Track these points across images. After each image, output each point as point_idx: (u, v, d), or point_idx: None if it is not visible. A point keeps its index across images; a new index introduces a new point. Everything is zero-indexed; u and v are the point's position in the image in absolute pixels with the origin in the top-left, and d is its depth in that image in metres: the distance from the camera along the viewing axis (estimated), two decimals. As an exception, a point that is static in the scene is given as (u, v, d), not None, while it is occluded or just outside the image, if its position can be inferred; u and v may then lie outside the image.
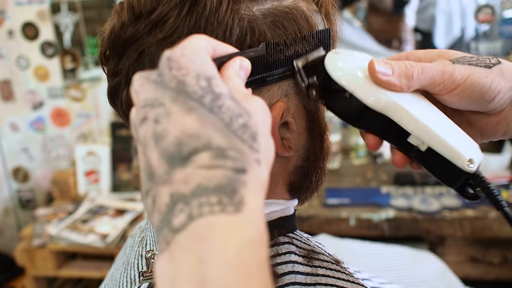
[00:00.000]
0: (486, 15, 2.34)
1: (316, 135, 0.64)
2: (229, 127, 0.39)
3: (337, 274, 0.61)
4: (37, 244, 2.45)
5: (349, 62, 0.58)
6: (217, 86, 0.40)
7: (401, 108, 0.55)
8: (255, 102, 0.43)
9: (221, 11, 0.53)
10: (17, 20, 2.80)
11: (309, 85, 0.59)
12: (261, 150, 0.40)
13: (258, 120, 0.41)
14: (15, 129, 2.99)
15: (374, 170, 2.47)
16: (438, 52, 0.60)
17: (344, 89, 0.56)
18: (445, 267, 1.55)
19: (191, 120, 0.38)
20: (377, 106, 0.56)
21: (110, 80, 0.60)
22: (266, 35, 0.55)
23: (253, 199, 0.37)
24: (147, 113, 0.40)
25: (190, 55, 0.41)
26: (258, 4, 0.56)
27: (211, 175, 0.36)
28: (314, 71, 0.58)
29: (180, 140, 0.38)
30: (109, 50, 0.58)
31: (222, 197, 0.36)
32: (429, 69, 0.56)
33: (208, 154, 0.37)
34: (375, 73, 0.55)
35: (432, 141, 0.55)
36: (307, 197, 0.69)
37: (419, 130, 0.55)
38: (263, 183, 0.40)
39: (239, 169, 0.37)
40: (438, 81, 0.56)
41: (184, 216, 0.35)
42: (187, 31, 0.53)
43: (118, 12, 0.56)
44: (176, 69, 0.41)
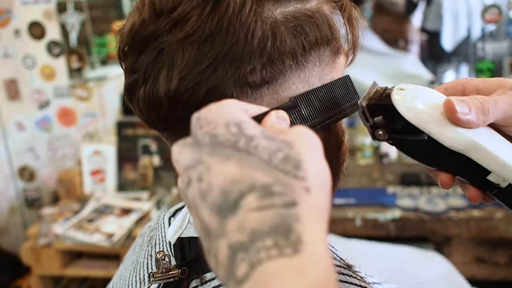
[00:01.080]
0: (493, 15, 2.33)
1: (334, 144, 0.64)
2: (269, 163, 0.38)
3: (349, 279, 0.61)
4: (43, 243, 2.45)
5: (420, 99, 0.55)
6: (248, 129, 0.40)
7: (480, 147, 0.54)
8: (296, 131, 0.42)
9: (244, 12, 0.52)
10: (23, 19, 2.81)
11: (375, 125, 0.57)
12: (309, 177, 0.38)
13: (302, 148, 0.40)
14: (21, 128, 3.00)
15: (380, 170, 2.47)
16: (496, 82, 0.59)
17: (420, 130, 0.54)
18: (452, 267, 1.54)
19: (230, 167, 0.38)
20: (457, 146, 0.54)
21: (127, 76, 0.59)
22: (286, 43, 0.54)
23: (312, 233, 0.35)
24: (190, 175, 0.40)
25: (216, 109, 0.42)
26: (281, 6, 0.55)
27: (263, 217, 0.35)
28: (380, 110, 0.57)
29: (225, 189, 0.37)
30: (128, 47, 0.58)
31: (277, 238, 0.34)
32: (502, 102, 0.55)
33: (255, 195, 0.36)
34: (456, 114, 0.53)
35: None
36: None
37: (500, 168, 0.54)
38: (321, 210, 0.38)
39: (289, 203, 0.36)
40: (510, 114, 0.55)
41: (246, 265, 0.33)
42: (208, 32, 0.52)
43: (139, 9, 0.56)
44: (205, 125, 0.41)
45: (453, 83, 0.60)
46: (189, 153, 0.41)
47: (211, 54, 0.52)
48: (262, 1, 0.54)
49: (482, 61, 2.46)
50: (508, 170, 0.54)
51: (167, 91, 0.54)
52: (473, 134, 0.54)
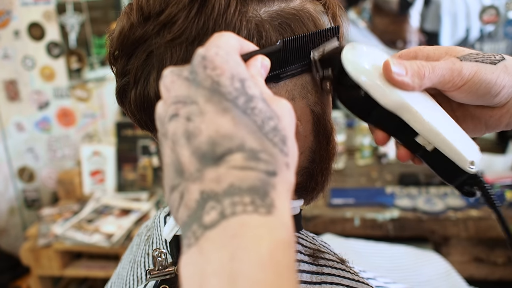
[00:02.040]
0: (491, 16, 2.34)
1: (322, 137, 0.64)
2: (261, 129, 0.39)
3: (342, 273, 0.61)
4: (42, 243, 2.46)
5: (365, 58, 0.58)
6: (250, 88, 0.41)
7: (412, 110, 0.57)
8: (283, 104, 0.43)
9: (229, 13, 0.53)
10: (23, 20, 2.81)
11: (324, 77, 0.60)
12: (290, 153, 0.41)
13: (286, 123, 0.42)
14: (20, 129, 3.00)
15: (379, 170, 2.47)
16: (445, 49, 0.61)
17: (359, 86, 0.58)
18: (450, 267, 1.55)
19: (225, 121, 0.39)
20: (390, 106, 0.57)
21: (118, 80, 0.60)
22: (272, 40, 0.55)
23: (282, 202, 0.37)
24: (178, 109, 0.40)
25: (224, 55, 0.42)
26: (265, 6, 0.56)
27: (244, 176, 0.37)
28: (330, 64, 0.59)
29: (214, 139, 0.38)
30: (118, 51, 0.59)
31: (255, 198, 0.36)
32: (439, 68, 0.57)
33: (242, 155, 0.38)
34: (391, 73, 0.56)
35: (439, 142, 0.58)
36: (313, 197, 0.70)
37: (427, 132, 0.57)
38: (291, 186, 0.40)
39: (271, 172, 0.38)
40: (447, 79, 0.58)
41: (216, 213, 0.35)
42: (195, 33, 0.53)
43: (127, 13, 0.57)
44: (210, 68, 0.41)
45: (407, 50, 0.63)
46: (183, 86, 0.41)
47: None
48: (246, 2, 0.55)
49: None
50: (434, 134, 0.57)
51: (157, 92, 0.55)
52: (407, 96, 0.57)
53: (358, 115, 0.62)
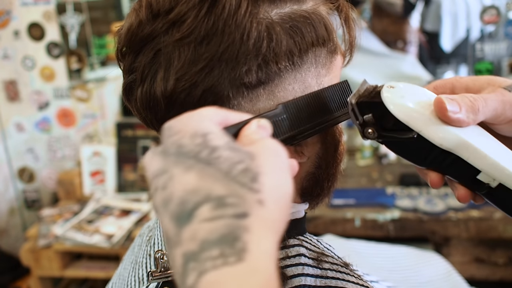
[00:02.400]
0: (491, 16, 2.33)
1: (330, 144, 0.64)
2: (228, 175, 0.39)
3: (346, 277, 0.61)
4: (42, 244, 2.45)
5: (409, 97, 0.55)
6: (213, 140, 0.40)
7: (470, 146, 0.53)
8: (262, 143, 0.43)
9: (239, 13, 0.52)
10: (23, 20, 2.81)
11: (365, 123, 0.56)
12: (264, 189, 0.39)
13: (263, 160, 0.41)
14: (20, 130, 3.00)
15: (379, 170, 2.47)
16: (486, 79, 0.59)
17: (409, 128, 0.54)
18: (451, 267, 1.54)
19: (190, 177, 0.38)
20: (446, 145, 0.54)
21: (125, 76, 0.60)
22: (282, 43, 0.54)
23: (259, 243, 0.36)
24: (156, 183, 0.40)
25: (184, 119, 0.42)
26: (277, 7, 0.55)
27: (213, 227, 0.36)
28: (369, 108, 0.56)
29: (183, 198, 0.38)
30: (126, 47, 0.58)
31: (224, 248, 0.35)
32: (491, 100, 0.55)
33: (209, 206, 0.37)
34: (446, 112, 0.53)
35: (504, 177, 0.54)
36: (318, 202, 0.69)
37: (490, 167, 0.54)
38: (273, 224, 0.39)
39: (239, 214, 0.37)
40: (499, 112, 0.55)
41: (195, 274, 0.35)
42: (204, 33, 0.52)
43: (136, 10, 0.56)
44: (173, 134, 0.41)
45: (442, 81, 0.60)
46: (157, 161, 0.41)
47: (207, 54, 0.53)
48: (257, 2, 0.54)
49: (481, 62, 2.47)
50: (498, 169, 0.53)
51: (163, 92, 0.55)
52: (463, 132, 0.53)
53: (410, 159, 0.58)
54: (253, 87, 0.55)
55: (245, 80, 0.54)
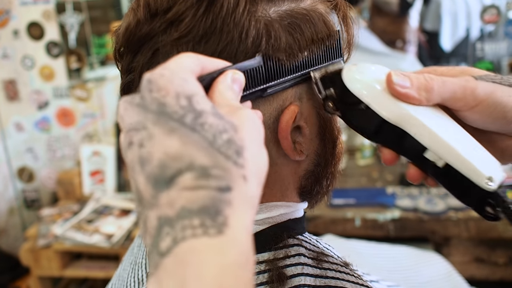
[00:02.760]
0: (492, 15, 2.33)
1: (328, 141, 0.64)
2: (212, 144, 0.38)
3: (346, 277, 0.61)
4: (42, 244, 2.45)
5: (366, 74, 0.56)
6: (199, 104, 0.40)
7: (417, 121, 0.53)
8: (243, 114, 0.42)
9: (237, 12, 0.52)
10: (22, 20, 2.81)
11: (327, 97, 0.58)
12: (247, 165, 0.39)
13: (246, 133, 0.40)
14: (20, 129, 3.00)
15: (380, 170, 2.47)
16: (461, 69, 0.58)
17: (360, 101, 0.55)
18: (451, 267, 1.54)
19: (173, 141, 0.38)
20: (393, 118, 0.54)
21: (123, 77, 0.59)
22: (282, 40, 0.54)
23: (239, 218, 0.36)
24: (132, 137, 0.39)
25: (169, 75, 0.40)
26: (275, 5, 0.55)
27: (195, 197, 0.36)
28: (332, 83, 0.58)
29: (164, 162, 0.37)
30: (124, 47, 0.58)
31: (205, 219, 0.35)
32: (451, 82, 0.54)
33: (191, 174, 0.36)
34: (393, 85, 0.54)
35: (450, 157, 0.53)
36: (317, 200, 0.69)
37: (436, 145, 0.53)
38: (252, 199, 0.39)
39: (223, 188, 0.36)
40: (459, 96, 0.54)
41: (170, 239, 0.34)
42: (203, 32, 0.52)
43: (134, 9, 0.56)
44: (155, 90, 0.40)
45: (420, 71, 0.60)
46: (134, 113, 0.40)
47: (206, 53, 0.52)
48: (255, 1, 0.54)
49: (481, 62, 2.47)
50: (444, 148, 0.53)
51: None
52: (414, 109, 0.54)
53: (363, 133, 0.59)
54: None
55: None
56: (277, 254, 0.60)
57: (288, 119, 0.57)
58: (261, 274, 0.58)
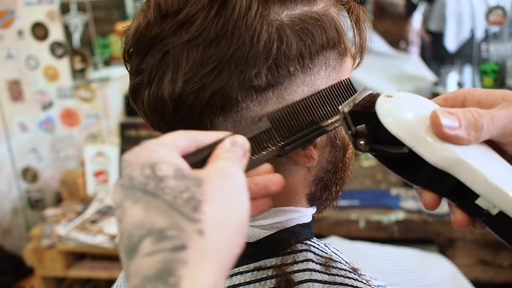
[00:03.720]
0: (497, 16, 2.32)
1: (339, 149, 0.63)
2: (172, 205, 0.38)
3: (354, 283, 0.60)
4: (46, 244, 2.45)
5: (405, 109, 0.50)
6: (161, 170, 0.40)
7: (468, 166, 0.47)
8: (212, 166, 0.42)
9: (250, 15, 0.51)
10: (26, 20, 2.81)
11: (357, 133, 0.52)
12: (205, 219, 0.38)
13: (209, 186, 0.40)
14: (24, 129, 3.00)
15: (384, 172, 2.46)
16: (501, 94, 0.52)
17: (401, 142, 0.49)
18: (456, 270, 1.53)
19: (137, 211, 0.38)
20: (440, 163, 0.48)
21: (132, 78, 0.59)
22: (293, 46, 0.53)
23: (195, 277, 0.35)
24: (117, 215, 0.40)
25: (138, 151, 0.42)
26: (287, 9, 0.54)
27: (152, 262, 0.35)
28: (363, 118, 0.52)
29: (130, 232, 0.38)
30: (133, 48, 0.57)
31: (157, 285, 0.34)
32: (500, 117, 0.49)
33: (150, 239, 0.36)
34: (441, 128, 0.47)
35: (505, 204, 0.47)
36: (326, 206, 0.68)
37: (490, 192, 0.47)
38: (213, 254, 0.37)
39: (178, 247, 0.36)
40: (508, 131, 0.49)
41: None
42: (214, 34, 0.52)
43: (145, 11, 0.55)
44: (127, 167, 0.41)
45: (454, 93, 0.55)
46: (117, 193, 0.41)
47: (216, 57, 0.52)
48: (268, 4, 0.53)
49: (486, 63, 2.46)
50: (499, 195, 0.47)
51: (171, 94, 0.54)
52: (462, 151, 0.48)
53: (403, 176, 0.52)
54: (262, 90, 0.54)
55: (254, 83, 0.53)
56: (285, 259, 0.60)
57: None
58: (268, 279, 0.58)
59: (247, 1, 0.52)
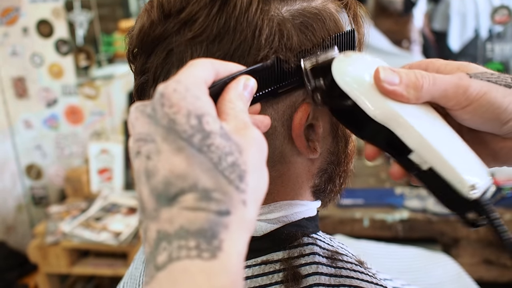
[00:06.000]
0: (503, 16, 2.32)
1: (341, 139, 0.64)
2: (217, 166, 0.39)
3: (361, 276, 0.61)
4: (50, 241, 2.46)
5: (357, 66, 0.54)
6: (208, 124, 0.40)
7: (405, 122, 0.51)
8: (250, 135, 0.42)
9: (251, 11, 0.52)
10: (31, 17, 2.81)
11: (316, 88, 0.56)
12: (248, 190, 0.40)
13: (249, 156, 0.41)
14: (28, 126, 3.00)
15: (388, 170, 2.46)
16: (458, 64, 0.56)
17: (347, 96, 0.53)
18: (461, 269, 1.54)
19: (179, 160, 0.38)
20: (379, 117, 0.52)
21: (137, 78, 0.59)
22: (293, 39, 0.54)
23: (233, 243, 0.37)
24: (140, 147, 0.40)
25: (182, 91, 0.41)
26: (287, 4, 0.55)
27: (194, 218, 0.37)
28: (322, 74, 0.55)
29: (168, 179, 0.38)
30: (138, 48, 0.58)
31: (200, 241, 0.36)
32: (442, 80, 0.52)
33: (194, 195, 0.37)
34: (380, 82, 0.51)
35: (434, 161, 0.50)
36: (330, 199, 0.69)
37: (422, 148, 0.51)
38: (249, 224, 0.39)
39: (223, 212, 0.37)
40: (450, 95, 0.51)
41: (166, 255, 0.36)
42: (216, 31, 0.52)
43: (148, 11, 0.56)
44: (167, 106, 0.40)
45: (419, 62, 0.58)
46: (145, 124, 0.41)
47: (220, 53, 0.53)
48: (268, 0, 0.54)
49: (490, 63, 2.46)
50: (429, 152, 0.50)
51: None
52: (402, 108, 0.51)
53: (350, 129, 0.59)
54: None
55: None
56: (291, 253, 0.60)
57: (301, 118, 0.57)
58: (276, 273, 0.58)
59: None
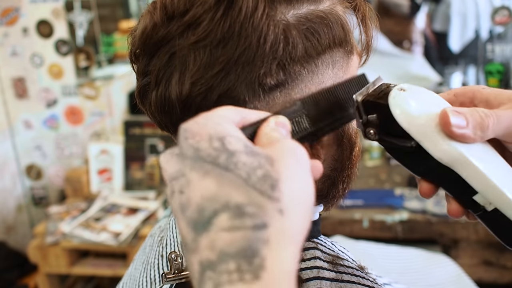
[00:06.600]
0: (503, 17, 2.32)
1: (346, 147, 0.63)
2: (247, 182, 0.38)
3: (362, 281, 0.60)
4: (50, 241, 2.46)
5: (417, 105, 0.52)
6: (231, 144, 0.40)
7: (470, 164, 0.50)
8: (282, 145, 0.42)
9: (256, 16, 0.51)
10: (31, 17, 2.81)
11: (368, 122, 0.54)
12: (284, 198, 0.38)
13: (283, 165, 0.40)
14: (28, 127, 3.00)
15: (388, 171, 2.46)
16: (508, 95, 0.54)
17: (410, 136, 0.51)
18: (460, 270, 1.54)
19: (208, 183, 0.38)
20: (445, 160, 0.50)
21: (139, 79, 0.59)
22: (298, 47, 0.53)
23: (277, 259, 0.35)
24: (173, 186, 0.40)
25: (202, 122, 0.41)
26: (294, 8, 0.54)
27: (232, 238, 0.35)
28: (375, 108, 0.54)
29: (201, 205, 0.37)
30: (140, 50, 0.57)
31: (241, 262, 0.34)
32: (505, 118, 0.51)
33: (227, 214, 0.36)
34: (450, 127, 0.49)
35: (501, 203, 0.50)
36: (333, 204, 0.68)
37: (488, 191, 0.50)
38: (292, 235, 0.37)
39: (259, 225, 0.36)
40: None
41: (211, 284, 0.34)
42: (220, 36, 0.52)
43: (151, 12, 0.55)
44: (190, 137, 0.41)
45: (463, 89, 0.57)
46: (174, 163, 0.41)
47: (223, 58, 0.52)
48: (274, 4, 0.53)
49: (491, 63, 2.45)
50: (496, 194, 0.50)
51: (179, 95, 0.54)
52: (466, 149, 0.50)
53: (406, 166, 0.55)
54: (270, 90, 0.54)
55: (261, 83, 0.53)
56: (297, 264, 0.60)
57: None
58: None
59: (254, 2, 0.52)
